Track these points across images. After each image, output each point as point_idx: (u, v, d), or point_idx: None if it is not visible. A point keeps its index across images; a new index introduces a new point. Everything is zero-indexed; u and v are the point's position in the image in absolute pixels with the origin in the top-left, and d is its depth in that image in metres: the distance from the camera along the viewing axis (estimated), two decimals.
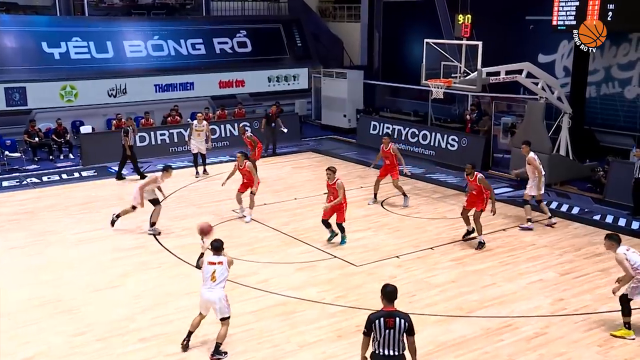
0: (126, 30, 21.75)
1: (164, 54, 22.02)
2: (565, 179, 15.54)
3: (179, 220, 13.03)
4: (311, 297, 9.33)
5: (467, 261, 10.77)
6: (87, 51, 20.67)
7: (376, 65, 25.18)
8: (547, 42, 18.51)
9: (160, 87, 21.38)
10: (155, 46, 21.91)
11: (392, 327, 5.82)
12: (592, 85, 17.61)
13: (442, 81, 14.70)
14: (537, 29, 18.35)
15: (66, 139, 18.95)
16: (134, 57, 21.47)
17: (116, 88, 20.51)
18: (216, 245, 7.88)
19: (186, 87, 21.82)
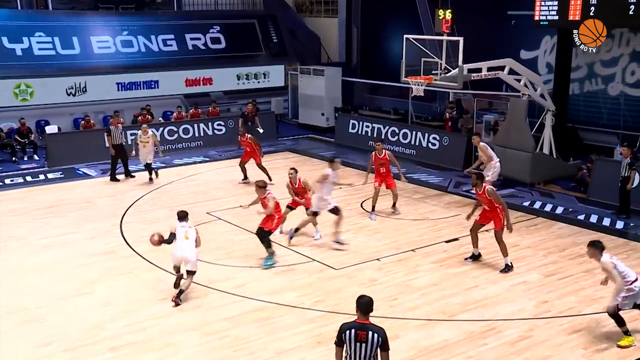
0: (93, 25, 21.48)
1: (134, 51, 21.79)
2: (548, 178, 15.75)
3: (151, 223, 12.90)
4: (289, 302, 9.33)
5: (450, 263, 10.86)
6: (51, 47, 20.37)
7: (354, 62, 25.27)
8: (529, 38, 18.76)
9: (123, 86, 21.03)
10: (124, 42, 21.69)
11: (364, 341, 5.68)
12: (575, 82, 17.88)
13: (423, 78, 14.80)
14: (519, 25, 18.58)
15: (30, 140, 18.68)
16: (102, 54, 21.21)
17: (75, 87, 20.12)
18: (181, 214, 9.59)
19: (150, 86, 21.51)
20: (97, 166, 17.51)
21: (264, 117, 20.33)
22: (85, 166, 17.45)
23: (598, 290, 9.61)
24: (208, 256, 11.03)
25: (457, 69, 14.41)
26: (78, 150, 17.67)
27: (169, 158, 18.56)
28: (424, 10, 21.69)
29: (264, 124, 19.60)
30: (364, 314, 5.82)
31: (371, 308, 5.85)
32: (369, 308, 5.84)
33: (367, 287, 9.62)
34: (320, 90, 22.49)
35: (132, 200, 14.44)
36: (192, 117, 20.65)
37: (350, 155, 19.24)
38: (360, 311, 5.84)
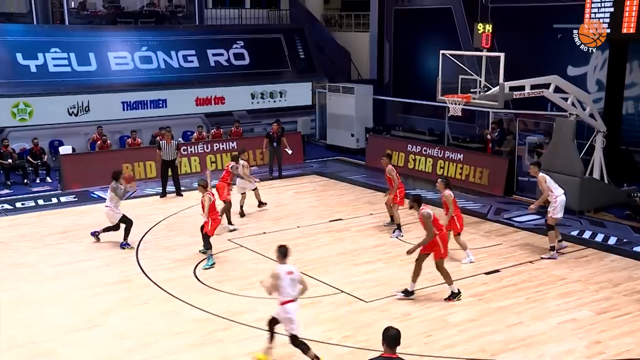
0: (111, 41, 22.06)
1: (153, 67, 22.26)
2: (599, 205, 15.53)
3: (169, 250, 13.08)
4: (316, 337, 9.30)
5: (490, 297, 10.74)
6: (67, 63, 20.93)
7: (387, 79, 25.40)
8: (577, 53, 18.65)
9: (128, 105, 21.35)
10: (143, 58, 22.20)
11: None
12: (629, 101, 17.72)
13: (460, 97, 14.81)
14: (566, 39, 18.51)
15: (43, 161, 19.11)
16: (120, 70, 21.73)
17: (77, 105, 20.47)
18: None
19: (158, 105, 21.80)
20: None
21: (290, 138, 20.50)
22: (100, 189, 17.71)
23: None
24: (229, 286, 11.12)
25: (498, 86, 14.39)
26: (93, 173, 17.97)
27: (188, 181, 18.77)
28: (461, 23, 21.80)
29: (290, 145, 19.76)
30: (391, 347, 5.82)
31: (399, 341, 5.84)
32: (397, 341, 5.83)
33: (399, 322, 9.55)
34: (350, 109, 22.62)
35: (149, 226, 14.63)
36: (213, 137, 20.92)
37: (382, 180, 19.23)
38: (386, 344, 5.84)
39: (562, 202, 12.55)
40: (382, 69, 25.48)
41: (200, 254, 12.69)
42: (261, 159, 20.74)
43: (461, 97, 14.80)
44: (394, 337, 5.83)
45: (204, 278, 11.59)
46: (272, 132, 19.59)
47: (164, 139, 17.25)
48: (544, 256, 12.40)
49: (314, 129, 24.72)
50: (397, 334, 5.84)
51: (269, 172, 19.46)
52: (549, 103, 17.24)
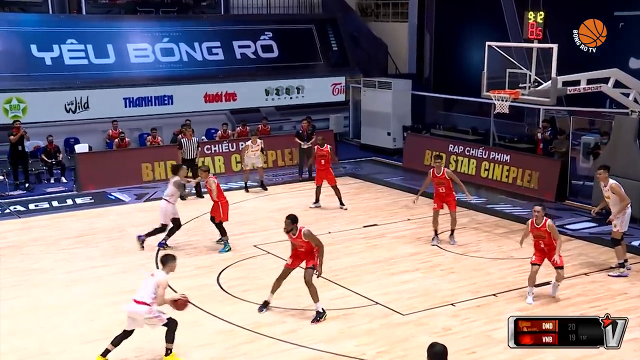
0: (130, 32, 22.36)
1: (175, 60, 22.52)
2: None
3: (191, 256, 13.18)
4: (348, 352, 9.29)
5: (539, 312, 10.59)
6: (84, 56, 21.27)
7: (427, 74, 25.29)
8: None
9: (131, 102, 21.45)
10: (164, 50, 22.45)
11: None
12: None
13: (508, 92, 14.68)
14: (628, 27, 18.20)
15: (58, 160, 19.42)
16: (140, 63, 22.02)
17: (76, 102, 20.62)
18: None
19: (164, 102, 21.90)
20: (131, 190, 18.04)
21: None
22: (118, 190, 17.99)
23: None
24: (255, 296, 11.15)
25: (550, 81, 14.23)
26: (110, 173, 18.24)
27: None
28: (510, 12, 21.57)
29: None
30: None
31: (446, 358, 5.80)
32: (443, 358, 5.79)
33: (439, 337, 9.47)
34: (387, 106, 22.57)
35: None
36: (239, 135, 21.06)
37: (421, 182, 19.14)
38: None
39: (630, 213, 12.31)
40: (421, 63, 25.37)
41: (221, 254, 13.13)
42: (290, 159, 20.83)
43: (509, 93, 14.67)
44: (440, 353, 5.80)
45: (228, 287, 11.66)
46: (302, 130, 19.65)
47: (185, 137, 17.43)
48: (611, 274, 12.14)
49: (347, 127, 24.72)
50: (443, 351, 5.81)
51: (299, 173, 19.52)
52: (607, 99, 16.96)
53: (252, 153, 18.00)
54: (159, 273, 9.24)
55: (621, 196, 12.15)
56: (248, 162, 18.03)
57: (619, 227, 12.22)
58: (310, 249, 10.35)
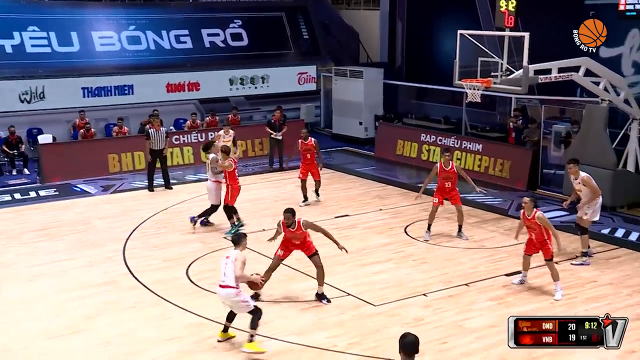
0: (95, 19, 22.03)
1: (142, 48, 22.28)
2: (634, 200, 15.51)
3: (159, 249, 13.11)
4: (319, 344, 9.31)
5: (511, 301, 10.73)
6: (47, 44, 20.91)
7: (399, 62, 25.34)
8: (611, 32, 18.50)
9: (90, 92, 21.05)
10: (131, 38, 22.19)
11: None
12: None
13: (480, 81, 14.77)
14: (599, 16, 18.38)
15: (20, 151, 19.14)
16: (106, 52, 21.74)
17: (31, 92, 20.18)
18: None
19: (124, 91, 21.55)
20: (97, 182, 17.86)
21: (292, 126, 20.50)
22: (83, 182, 17.79)
23: None
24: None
25: (522, 70, 14.34)
26: (76, 164, 18.02)
27: (181, 173, 18.83)
28: (482, 1, 21.69)
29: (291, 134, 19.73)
30: (409, 355, 5.82)
31: (417, 348, 5.84)
32: (414, 348, 5.83)
33: (411, 327, 9.50)
34: (358, 95, 22.59)
35: (138, 222, 14.66)
36: (208, 125, 20.94)
37: (393, 172, 19.26)
38: (404, 352, 5.84)
39: (600, 203, 12.48)
40: (393, 51, 25.39)
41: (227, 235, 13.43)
42: (260, 149, 20.78)
43: (481, 82, 14.76)
44: (412, 344, 5.83)
45: (198, 279, 11.61)
46: (273, 120, 19.60)
47: (152, 127, 17.27)
48: (574, 262, 12.31)
49: (319, 117, 24.71)
50: (415, 341, 5.85)
51: (269, 163, 19.49)
52: (578, 88, 17.15)
53: (224, 143, 17.79)
54: (233, 252, 9.32)
55: (592, 188, 12.32)
56: None
57: (589, 216, 12.40)
58: (305, 239, 10.61)
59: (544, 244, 10.89)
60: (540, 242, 10.90)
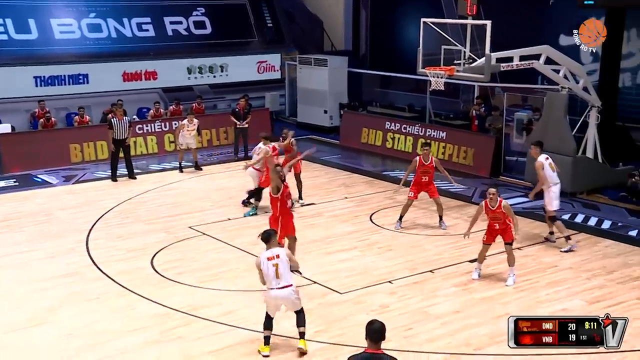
0: (54, 6, 21.57)
1: (103, 36, 21.93)
2: (593, 186, 15.77)
3: (123, 239, 12.97)
4: (285, 332, 9.30)
5: (475, 287, 10.87)
6: (3, 30, 20.43)
7: (363, 51, 25.36)
8: (571, 21, 18.76)
9: (42, 81, 20.57)
10: (91, 26, 21.80)
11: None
12: (626, 73, 17.95)
13: (443, 69, 14.84)
14: (558, 5, 18.63)
15: None
16: (65, 40, 21.31)
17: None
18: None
19: (78, 81, 21.13)
20: (58, 172, 17.58)
21: (257, 114, 20.42)
22: (44, 172, 17.51)
23: None
24: (190, 278, 11.08)
25: (484, 58, 14.45)
26: (36, 154, 17.71)
27: (144, 163, 18.64)
28: None
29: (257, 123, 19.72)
30: (375, 342, 5.86)
31: (384, 335, 5.89)
32: (381, 335, 5.87)
33: (377, 315, 9.57)
34: (323, 83, 22.57)
35: (101, 213, 14.49)
36: (172, 114, 20.73)
37: (358, 160, 19.31)
38: (370, 339, 5.88)
39: (557, 190, 12.62)
40: (357, 39, 25.41)
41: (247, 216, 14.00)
42: (225, 138, 20.65)
43: (444, 70, 14.82)
44: (379, 331, 5.87)
45: (163, 270, 11.53)
46: (238, 108, 19.47)
47: (115, 116, 17.04)
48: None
49: (284, 105, 24.63)
50: (381, 328, 5.89)
51: (234, 152, 19.40)
52: (539, 76, 17.36)
53: (188, 133, 17.66)
54: (278, 251, 8.83)
55: (539, 176, 12.53)
56: (182, 141, 17.72)
57: (548, 207, 12.60)
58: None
59: (507, 229, 10.99)
60: (503, 229, 10.99)
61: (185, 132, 17.63)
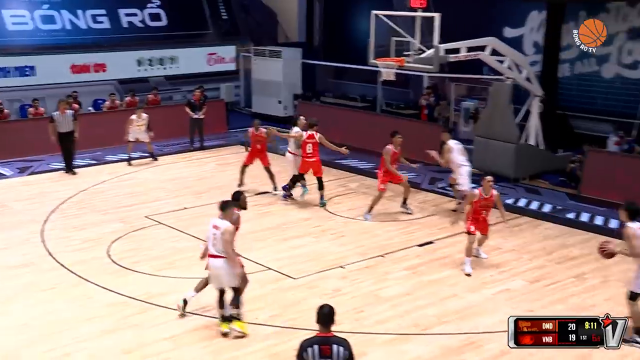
0: None
1: (57, 28, 21.43)
2: (535, 172, 16.09)
3: (78, 230, 12.77)
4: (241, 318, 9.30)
5: (423, 270, 11.00)
6: None
7: (316, 42, 25.33)
8: (514, 14, 19.09)
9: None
10: (45, 18, 21.29)
11: (328, 356, 5.81)
12: (565, 63, 18.28)
13: (393, 60, 14.94)
14: None
15: None
16: (18, 31, 20.74)
17: None
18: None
19: (24, 73, 20.47)
20: (12, 164, 17.19)
21: (212, 105, 20.25)
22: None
23: (588, 298, 9.90)
24: (146, 267, 10.98)
25: (433, 49, 14.58)
26: None
27: (101, 154, 18.35)
28: None
29: (212, 113, 19.58)
30: (325, 325, 5.92)
31: (332, 319, 5.95)
32: (330, 319, 5.94)
33: (330, 298, 9.67)
34: (277, 74, 22.51)
35: (56, 204, 14.23)
36: (128, 106, 20.42)
37: None
38: (321, 323, 5.93)
39: (466, 171, 13.14)
40: (311, 31, 25.35)
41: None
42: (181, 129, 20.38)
43: (394, 61, 14.93)
44: (328, 314, 5.94)
45: (119, 259, 11.39)
46: (193, 99, 19.28)
47: (59, 110, 16.51)
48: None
49: (239, 96, 24.50)
50: (331, 311, 5.96)
51: (190, 143, 19.22)
52: (485, 66, 17.59)
53: (137, 128, 17.29)
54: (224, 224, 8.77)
55: (446, 157, 13.25)
56: (132, 135, 17.33)
57: (461, 187, 13.01)
58: None
59: (487, 220, 10.97)
60: (485, 219, 10.89)
61: (134, 127, 17.28)
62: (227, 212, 8.84)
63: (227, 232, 8.70)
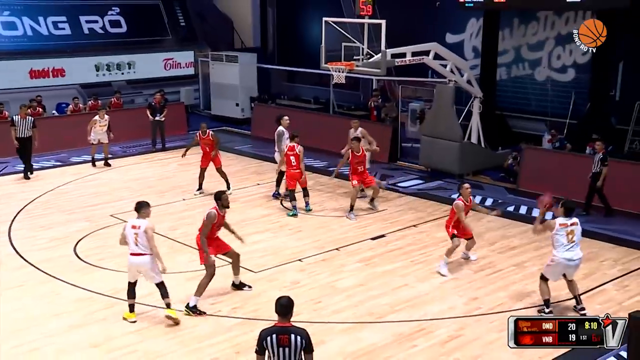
0: None
1: (18, 34, 20.85)
2: (477, 168, 16.33)
3: (45, 229, 12.48)
4: (204, 310, 9.23)
5: (376, 262, 11.08)
6: None
7: (271, 48, 25.25)
8: (455, 21, 19.34)
9: None
10: (6, 24, 20.68)
11: (286, 345, 5.81)
12: (502, 67, 18.61)
13: (344, 64, 14.98)
14: (444, 6, 19.11)
15: None
16: None
17: None
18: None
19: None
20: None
21: (173, 108, 19.99)
22: None
23: (528, 284, 10.10)
24: (112, 264, 10.78)
25: (380, 54, 14.68)
26: None
27: (66, 155, 17.95)
28: None
29: (173, 115, 19.34)
30: (283, 316, 5.92)
31: (290, 310, 5.95)
32: (288, 310, 5.94)
33: (288, 290, 9.67)
34: (234, 78, 22.35)
35: (23, 204, 13.87)
36: (91, 109, 19.98)
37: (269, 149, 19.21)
38: (279, 313, 5.93)
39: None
40: (265, 37, 25.27)
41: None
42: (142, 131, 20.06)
43: (344, 65, 14.96)
44: (286, 305, 5.94)
45: (86, 256, 11.18)
46: (154, 102, 19.00)
47: (19, 114, 16.01)
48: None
49: (198, 99, 24.27)
50: (289, 302, 5.96)
51: (152, 144, 18.95)
52: (429, 70, 17.78)
53: (100, 128, 16.87)
54: (142, 223, 8.89)
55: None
56: (94, 137, 16.89)
57: None
58: None
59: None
60: (458, 222, 10.60)
61: (97, 128, 16.92)
62: (142, 212, 8.98)
63: (149, 229, 8.84)
